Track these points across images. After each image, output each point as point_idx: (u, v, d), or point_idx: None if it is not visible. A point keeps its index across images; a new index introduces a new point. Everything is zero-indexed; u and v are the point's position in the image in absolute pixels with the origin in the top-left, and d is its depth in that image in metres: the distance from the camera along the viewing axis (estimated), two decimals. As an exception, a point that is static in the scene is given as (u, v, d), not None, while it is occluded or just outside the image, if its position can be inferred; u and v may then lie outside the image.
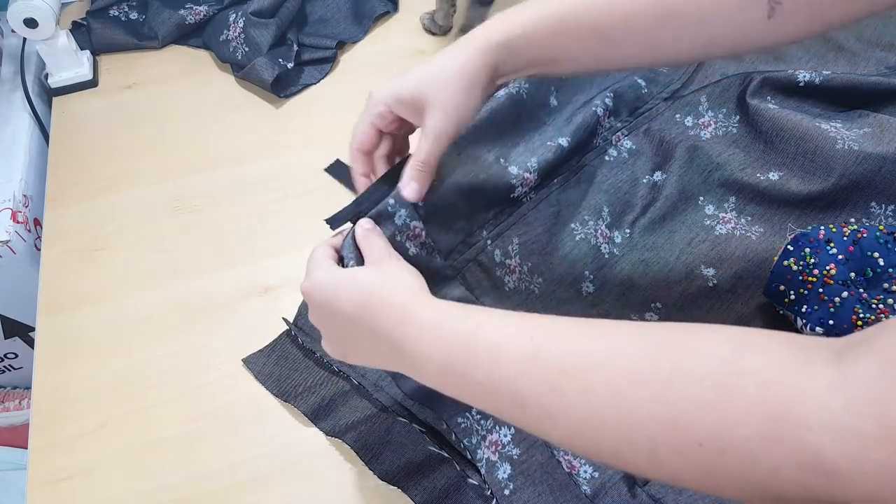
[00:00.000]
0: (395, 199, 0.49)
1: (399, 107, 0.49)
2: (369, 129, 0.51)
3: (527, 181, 0.63)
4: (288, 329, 0.64)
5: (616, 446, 0.32)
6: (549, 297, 0.62)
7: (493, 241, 0.62)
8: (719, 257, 0.64)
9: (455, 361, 0.37)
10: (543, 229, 0.65)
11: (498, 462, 0.53)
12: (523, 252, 0.63)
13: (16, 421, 0.91)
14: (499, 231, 0.62)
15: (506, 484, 0.52)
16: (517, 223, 0.64)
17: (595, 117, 0.70)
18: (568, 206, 0.67)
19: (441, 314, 0.40)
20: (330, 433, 0.58)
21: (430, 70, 0.48)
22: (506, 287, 0.61)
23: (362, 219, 0.49)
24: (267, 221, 0.73)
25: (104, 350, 0.64)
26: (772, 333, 0.30)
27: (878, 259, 0.58)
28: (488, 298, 0.60)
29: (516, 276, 0.62)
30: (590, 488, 0.52)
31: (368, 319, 0.41)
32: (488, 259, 0.61)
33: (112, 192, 0.77)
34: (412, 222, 0.51)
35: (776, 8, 0.44)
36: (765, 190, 0.66)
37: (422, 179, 0.49)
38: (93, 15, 0.93)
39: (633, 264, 0.65)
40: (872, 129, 0.66)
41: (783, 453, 0.27)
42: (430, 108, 0.47)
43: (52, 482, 0.56)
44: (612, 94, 0.72)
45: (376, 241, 0.46)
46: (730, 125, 0.72)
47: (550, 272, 0.64)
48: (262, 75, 0.83)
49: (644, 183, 0.70)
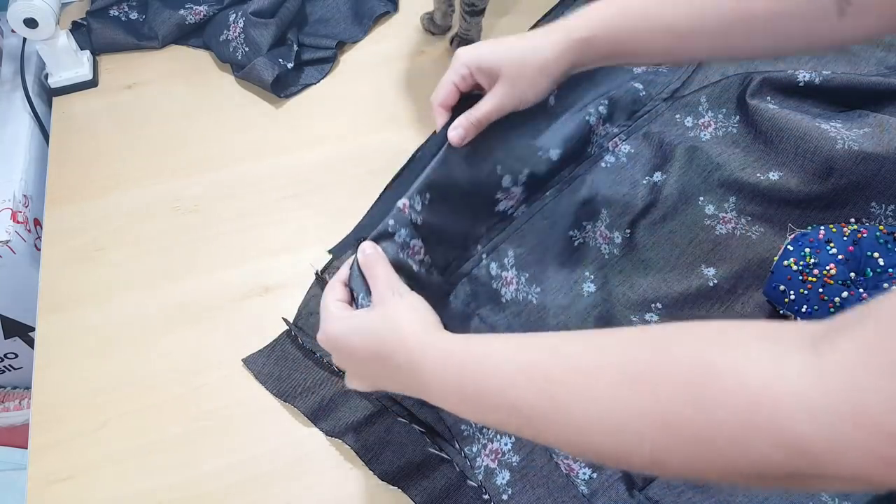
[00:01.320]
0: (394, 219, 0.51)
1: (479, 72, 0.54)
2: (451, 87, 0.55)
3: (512, 195, 0.63)
4: (288, 329, 0.64)
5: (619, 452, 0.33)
6: (549, 304, 0.63)
7: (488, 254, 0.62)
8: (719, 257, 0.64)
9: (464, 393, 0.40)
10: (539, 241, 0.65)
11: (497, 469, 0.53)
12: (519, 263, 0.63)
13: (16, 421, 0.91)
14: (493, 245, 0.63)
15: (504, 489, 0.52)
16: (511, 236, 0.64)
17: (587, 126, 0.70)
18: (563, 216, 0.67)
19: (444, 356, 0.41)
20: (330, 433, 0.58)
21: (513, 49, 0.53)
22: (502, 298, 0.62)
23: (364, 242, 0.50)
24: (267, 221, 0.73)
25: (104, 350, 0.64)
26: (747, 325, 0.31)
27: (878, 259, 0.58)
28: (485, 310, 0.61)
29: (514, 287, 0.63)
30: (587, 489, 0.52)
31: (381, 364, 0.44)
32: (483, 273, 0.61)
33: (112, 192, 0.77)
34: (412, 241, 0.52)
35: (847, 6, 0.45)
36: (765, 190, 0.66)
37: (469, 130, 0.54)
38: (93, 15, 0.93)
39: (633, 264, 0.65)
40: (872, 129, 0.66)
41: (765, 440, 0.28)
42: (502, 79, 0.53)
43: (52, 482, 0.56)
44: (607, 101, 0.72)
45: (379, 273, 0.48)
46: (730, 125, 0.72)
47: (549, 280, 0.64)
48: (262, 75, 0.83)
49: (644, 184, 0.70)
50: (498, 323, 0.61)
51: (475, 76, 0.54)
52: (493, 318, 0.61)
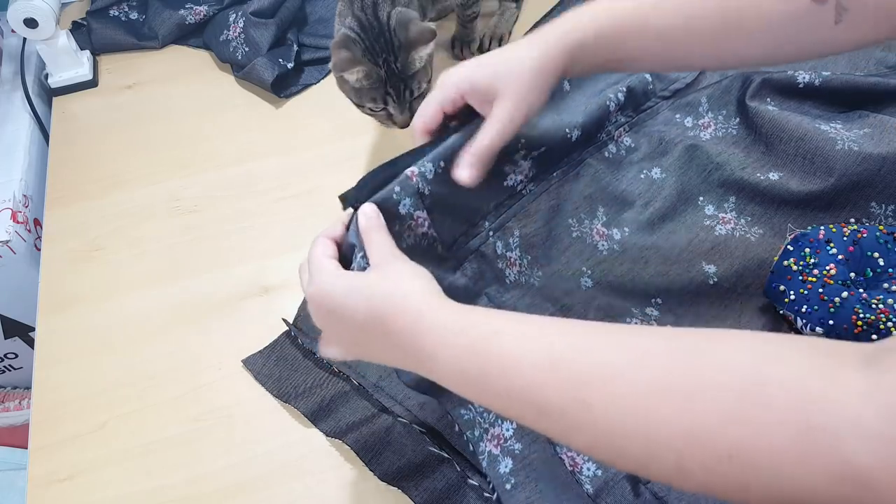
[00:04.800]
0: (400, 186, 0.49)
1: (473, 94, 0.49)
2: (437, 110, 0.51)
3: (521, 169, 0.62)
4: (287, 329, 0.64)
5: (642, 458, 0.31)
6: (551, 289, 0.62)
7: (495, 232, 0.61)
8: (719, 257, 0.64)
9: (473, 371, 0.37)
10: (543, 222, 0.65)
11: (500, 456, 0.53)
12: (523, 245, 0.63)
13: (16, 421, 0.91)
14: (500, 222, 0.62)
15: (507, 479, 0.52)
16: (518, 214, 0.63)
17: (607, 111, 0.70)
18: (565, 200, 0.67)
19: (456, 320, 0.38)
20: (330, 434, 0.58)
21: (505, 61, 0.49)
22: (506, 280, 0.61)
23: (365, 205, 0.47)
24: (267, 221, 0.73)
25: (104, 350, 0.64)
26: (795, 339, 0.30)
27: (878, 259, 0.58)
28: (492, 289, 0.60)
29: (516, 270, 0.62)
30: (592, 487, 0.52)
31: (381, 327, 0.40)
32: (490, 251, 0.60)
33: (112, 191, 0.77)
34: (416, 212, 0.50)
35: (843, 14, 0.43)
36: (765, 190, 0.66)
37: (480, 167, 0.50)
38: (93, 15, 0.93)
39: (633, 261, 0.65)
40: (872, 130, 0.66)
41: (816, 464, 0.26)
42: (501, 98, 0.48)
43: (52, 482, 0.56)
44: (625, 89, 0.72)
45: (379, 238, 0.45)
46: (730, 127, 0.72)
47: (550, 265, 0.64)
48: (262, 75, 0.83)
49: (642, 179, 0.70)
50: (505, 303, 0.60)
51: (466, 98, 0.50)
52: (500, 298, 0.60)
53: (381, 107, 0.65)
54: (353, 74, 0.61)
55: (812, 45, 0.47)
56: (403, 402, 0.58)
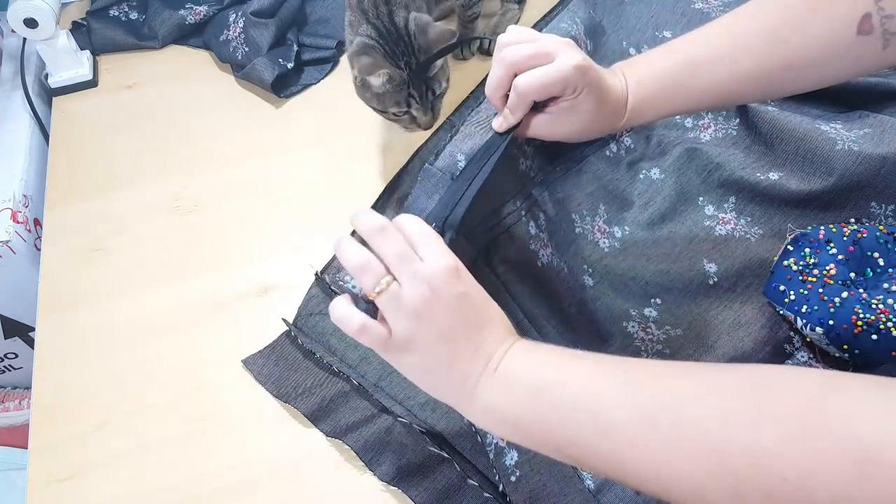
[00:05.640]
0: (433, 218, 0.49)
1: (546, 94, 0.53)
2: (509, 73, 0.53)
3: (528, 155, 0.63)
4: (287, 330, 0.64)
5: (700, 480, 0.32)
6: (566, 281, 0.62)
7: (525, 212, 0.62)
8: (719, 257, 0.64)
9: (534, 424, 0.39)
10: (555, 212, 0.65)
11: (506, 448, 0.53)
12: (549, 228, 0.64)
13: (16, 421, 0.91)
14: (528, 205, 0.63)
15: (512, 470, 0.52)
16: (538, 200, 0.64)
17: None
18: (569, 195, 0.67)
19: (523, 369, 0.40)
20: (330, 434, 0.58)
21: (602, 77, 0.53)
22: (539, 262, 0.61)
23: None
24: (267, 221, 0.73)
25: (104, 350, 0.64)
26: (857, 375, 0.30)
27: (878, 259, 0.58)
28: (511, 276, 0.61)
29: (549, 251, 0.62)
30: (594, 483, 0.52)
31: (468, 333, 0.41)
32: (522, 231, 0.61)
33: (112, 192, 0.77)
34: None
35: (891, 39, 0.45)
36: (765, 190, 0.66)
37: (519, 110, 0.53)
38: (93, 15, 0.93)
39: (634, 258, 0.65)
40: (872, 130, 0.66)
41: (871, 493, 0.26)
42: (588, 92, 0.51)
43: (52, 482, 0.56)
44: None
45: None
46: (729, 127, 0.72)
47: (561, 253, 0.64)
48: (262, 75, 0.83)
49: (641, 179, 0.70)
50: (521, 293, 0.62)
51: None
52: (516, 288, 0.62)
53: (404, 110, 0.66)
54: (379, 78, 0.62)
55: (860, 70, 0.50)
56: (403, 402, 0.58)
